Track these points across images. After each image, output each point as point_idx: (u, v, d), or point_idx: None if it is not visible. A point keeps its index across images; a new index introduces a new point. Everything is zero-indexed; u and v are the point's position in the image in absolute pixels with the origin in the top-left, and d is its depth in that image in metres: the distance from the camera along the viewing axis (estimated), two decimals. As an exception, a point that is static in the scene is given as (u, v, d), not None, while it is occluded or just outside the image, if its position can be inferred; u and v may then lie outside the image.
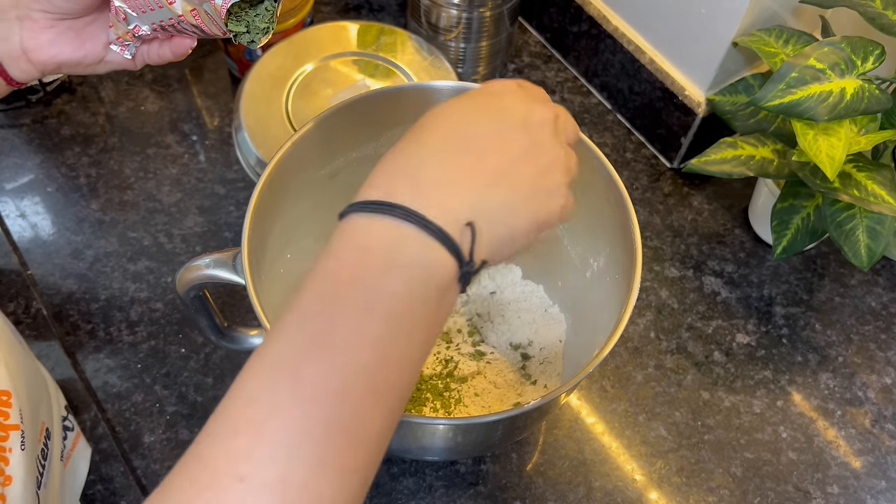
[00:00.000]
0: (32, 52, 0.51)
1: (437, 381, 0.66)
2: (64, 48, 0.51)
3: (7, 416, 0.51)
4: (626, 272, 0.55)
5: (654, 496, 0.65)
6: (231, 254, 0.54)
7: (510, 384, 0.67)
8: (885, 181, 0.65)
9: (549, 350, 0.68)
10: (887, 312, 0.76)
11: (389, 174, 0.39)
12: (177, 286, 0.56)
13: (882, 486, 0.67)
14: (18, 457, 0.51)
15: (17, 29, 0.50)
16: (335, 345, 0.34)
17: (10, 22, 0.50)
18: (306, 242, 0.64)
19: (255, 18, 0.48)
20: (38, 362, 0.62)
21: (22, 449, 0.51)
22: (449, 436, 0.55)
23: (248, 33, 0.48)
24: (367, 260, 0.36)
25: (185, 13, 0.46)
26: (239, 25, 0.48)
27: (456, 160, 0.39)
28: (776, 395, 0.71)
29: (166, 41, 0.51)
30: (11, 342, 0.56)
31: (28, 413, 0.53)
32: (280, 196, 0.58)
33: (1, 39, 0.50)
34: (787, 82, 0.62)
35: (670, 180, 0.83)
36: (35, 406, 0.56)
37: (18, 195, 0.78)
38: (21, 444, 0.51)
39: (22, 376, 0.55)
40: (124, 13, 0.48)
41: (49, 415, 0.59)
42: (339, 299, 0.35)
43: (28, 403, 0.54)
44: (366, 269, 0.36)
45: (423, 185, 0.38)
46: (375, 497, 0.64)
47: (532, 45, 0.92)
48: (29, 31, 0.50)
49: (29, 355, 0.59)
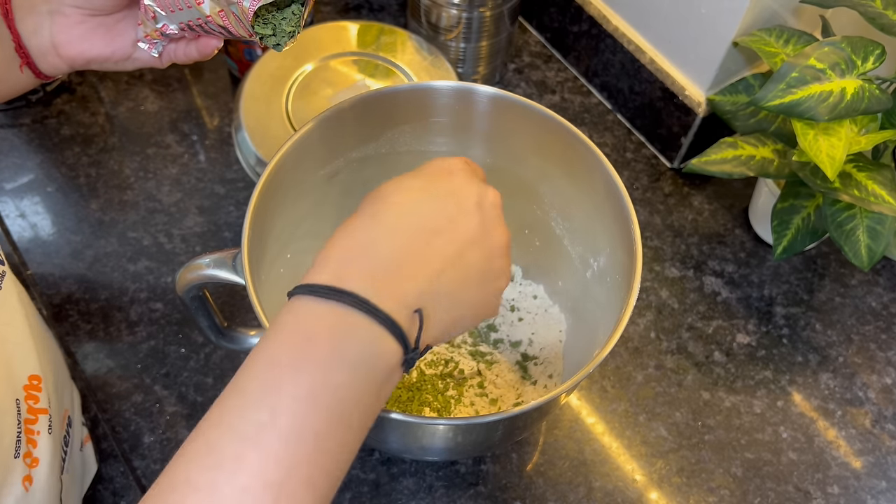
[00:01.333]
0: (62, 46, 0.51)
1: (438, 380, 0.66)
2: (94, 44, 0.51)
3: (38, 399, 0.52)
4: (627, 273, 0.54)
5: (654, 496, 0.65)
6: (231, 254, 0.54)
7: (510, 384, 0.67)
8: (885, 181, 0.65)
9: (549, 350, 0.68)
10: (888, 312, 0.76)
11: (341, 256, 0.39)
12: (177, 286, 0.56)
13: (882, 486, 0.67)
14: (46, 440, 0.52)
15: (49, 23, 0.50)
16: (279, 437, 0.34)
17: (41, 16, 0.50)
18: (306, 242, 0.63)
19: (282, 22, 0.48)
20: (61, 351, 0.62)
21: (49, 433, 0.52)
22: (449, 436, 0.55)
23: (275, 36, 0.48)
24: (313, 349, 0.36)
25: (213, 14, 0.46)
26: (265, 28, 0.48)
27: (409, 243, 0.39)
28: (776, 395, 0.71)
29: (193, 41, 0.51)
30: (41, 329, 0.57)
31: (55, 399, 0.54)
32: (280, 196, 0.58)
33: (32, 33, 0.50)
34: (787, 82, 0.62)
35: (670, 180, 0.83)
36: (60, 393, 0.57)
37: (18, 195, 0.78)
38: (48, 428, 0.52)
39: (50, 363, 0.56)
40: (153, 11, 0.48)
41: (71, 403, 0.60)
42: (281, 388, 0.35)
43: (55, 390, 0.55)
44: (310, 358, 0.36)
45: (375, 269, 0.38)
46: (375, 497, 0.64)
47: (532, 45, 0.92)
48: (60, 26, 0.50)
49: (54, 344, 0.60)
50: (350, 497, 0.64)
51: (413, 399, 0.64)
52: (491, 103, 0.61)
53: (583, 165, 0.59)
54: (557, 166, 0.62)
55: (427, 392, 0.64)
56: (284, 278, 0.61)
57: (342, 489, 0.64)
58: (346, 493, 0.64)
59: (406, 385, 0.65)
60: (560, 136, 0.59)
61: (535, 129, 0.60)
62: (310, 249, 0.64)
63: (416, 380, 0.65)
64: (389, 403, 0.64)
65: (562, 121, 0.59)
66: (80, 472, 0.61)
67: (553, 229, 0.67)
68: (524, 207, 0.67)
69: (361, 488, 0.64)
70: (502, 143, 0.63)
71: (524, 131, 0.61)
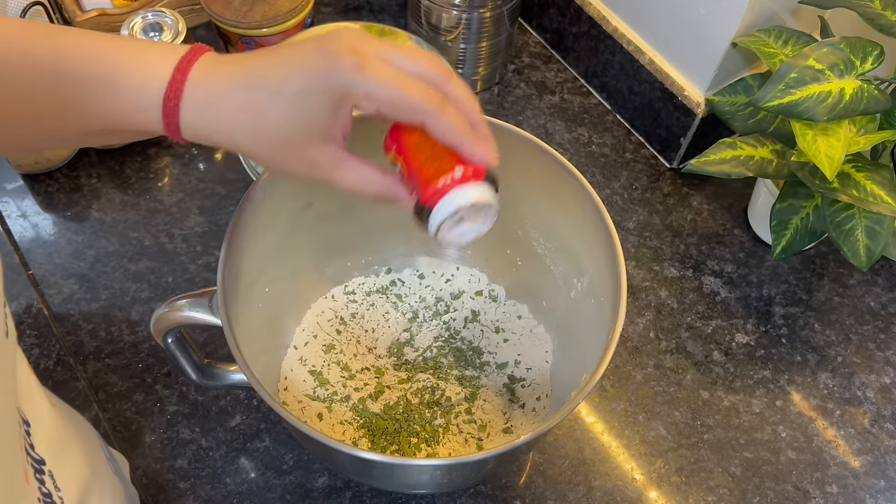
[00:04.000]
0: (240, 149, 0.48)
1: (425, 409, 0.64)
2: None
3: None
4: (612, 296, 0.54)
5: (653, 495, 0.66)
6: (207, 294, 0.53)
7: (498, 409, 0.65)
8: (883, 181, 0.65)
9: (536, 371, 0.67)
10: (886, 312, 0.76)
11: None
12: (153, 331, 0.55)
13: (881, 485, 0.67)
14: None
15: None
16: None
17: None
18: (284, 270, 0.63)
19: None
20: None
21: None
22: (436, 474, 0.55)
23: None
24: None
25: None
26: None
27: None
28: (775, 394, 0.71)
29: None
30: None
31: None
32: (251, 232, 0.57)
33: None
34: (786, 83, 0.62)
35: (670, 180, 0.83)
36: None
37: (19, 195, 0.78)
38: None
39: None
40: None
41: None
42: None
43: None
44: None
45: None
46: (375, 497, 0.64)
47: (532, 46, 0.92)
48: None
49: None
50: (350, 496, 0.64)
51: (401, 430, 0.63)
52: None
53: (565, 189, 0.58)
54: (539, 189, 0.61)
55: (415, 422, 0.63)
56: (262, 313, 0.61)
57: (342, 489, 0.64)
58: (346, 493, 0.64)
59: (392, 416, 0.63)
60: (541, 160, 0.59)
61: (516, 153, 0.60)
62: (286, 277, 0.64)
63: (403, 410, 0.64)
64: (377, 435, 0.63)
65: (543, 146, 0.58)
66: None
67: (535, 249, 0.66)
68: (505, 227, 0.66)
69: (362, 487, 0.64)
70: None
71: (505, 154, 0.60)
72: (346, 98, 0.42)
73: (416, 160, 0.46)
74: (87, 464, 0.49)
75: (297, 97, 0.42)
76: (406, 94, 0.42)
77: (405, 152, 0.46)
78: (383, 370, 0.67)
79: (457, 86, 0.45)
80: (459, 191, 0.45)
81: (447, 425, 0.64)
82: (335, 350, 0.67)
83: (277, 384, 0.65)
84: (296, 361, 0.66)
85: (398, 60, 0.43)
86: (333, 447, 0.48)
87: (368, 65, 0.41)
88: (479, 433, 0.64)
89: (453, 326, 0.69)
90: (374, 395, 0.65)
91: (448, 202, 0.45)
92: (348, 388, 0.65)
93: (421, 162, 0.46)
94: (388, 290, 0.71)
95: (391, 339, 0.69)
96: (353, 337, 0.68)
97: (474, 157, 0.45)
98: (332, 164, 0.45)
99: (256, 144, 0.44)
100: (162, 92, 0.42)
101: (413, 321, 0.70)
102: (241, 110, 0.42)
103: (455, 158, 0.45)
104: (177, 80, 0.42)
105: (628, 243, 0.79)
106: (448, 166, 0.45)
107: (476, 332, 0.69)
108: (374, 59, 0.42)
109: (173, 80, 0.42)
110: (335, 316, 0.69)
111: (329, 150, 0.44)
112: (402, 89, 0.42)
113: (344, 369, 0.66)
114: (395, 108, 0.43)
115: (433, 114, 0.43)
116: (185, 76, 0.42)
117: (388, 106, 0.43)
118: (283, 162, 0.45)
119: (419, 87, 0.43)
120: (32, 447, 0.42)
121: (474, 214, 0.46)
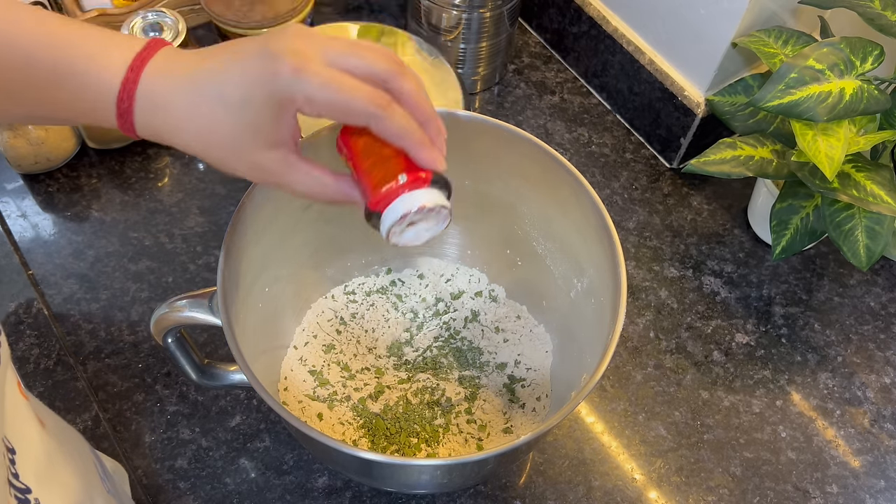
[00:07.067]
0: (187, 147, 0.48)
1: (425, 409, 0.64)
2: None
3: None
4: (612, 296, 0.54)
5: (653, 495, 0.66)
6: (207, 294, 0.53)
7: (498, 409, 0.65)
8: (883, 181, 0.65)
9: (537, 371, 0.67)
10: (886, 312, 0.76)
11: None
12: (153, 331, 0.55)
13: (881, 485, 0.67)
14: None
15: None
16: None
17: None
18: (284, 270, 0.63)
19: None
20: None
21: None
22: (436, 474, 0.55)
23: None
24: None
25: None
26: None
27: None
28: (775, 394, 0.71)
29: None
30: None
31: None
32: (252, 231, 0.56)
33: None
34: (786, 83, 0.62)
35: (670, 180, 0.83)
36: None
37: (20, 195, 0.78)
38: None
39: None
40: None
41: None
42: None
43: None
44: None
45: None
46: (375, 497, 0.64)
47: (532, 46, 0.92)
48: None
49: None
50: (350, 496, 0.64)
51: (401, 430, 0.62)
52: (471, 127, 0.60)
53: (565, 189, 0.58)
54: (538, 188, 0.62)
55: (415, 422, 0.63)
56: (262, 313, 0.61)
57: (342, 489, 0.64)
58: (346, 493, 0.64)
59: (392, 416, 0.63)
60: (541, 160, 0.59)
61: (516, 152, 0.60)
62: (286, 277, 0.64)
63: (403, 410, 0.64)
64: (377, 435, 0.63)
65: (543, 145, 0.59)
66: None
67: (535, 249, 0.66)
68: (505, 227, 0.67)
69: (362, 487, 0.64)
70: (482, 165, 0.62)
71: (504, 154, 0.61)
72: (288, 104, 0.41)
73: (363, 165, 0.45)
74: (78, 484, 0.48)
75: (238, 106, 0.41)
76: (347, 98, 0.41)
77: (353, 156, 0.46)
78: (383, 370, 0.67)
79: (407, 81, 0.44)
80: (406, 197, 0.44)
81: (447, 425, 0.64)
82: (335, 350, 0.67)
83: (277, 384, 0.65)
84: (296, 361, 0.66)
85: (343, 60, 0.42)
86: (333, 447, 0.48)
87: (308, 68, 0.41)
88: (479, 433, 0.64)
89: (453, 326, 0.69)
90: (374, 395, 0.65)
91: (393, 209, 0.45)
92: (348, 388, 0.65)
93: (367, 167, 0.45)
94: (388, 291, 0.71)
95: (391, 339, 0.69)
96: (353, 337, 0.68)
97: (420, 162, 0.44)
98: (282, 169, 0.44)
99: (206, 149, 0.43)
100: (116, 92, 0.42)
101: (413, 321, 0.70)
102: (190, 114, 0.42)
103: (402, 162, 0.44)
104: (130, 80, 0.42)
105: (628, 243, 0.79)
106: (393, 172, 0.44)
107: (476, 332, 0.69)
108: (315, 62, 0.41)
109: (126, 79, 0.42)
110: (335, 316, 0.69)
111: (277, 156, 0.44)
112: (344, 92, 0.41)
113: (344, 369, 0.66)
114: (337, 113, 0.42)
115: (377, 117, 0.42)
116: (138, 76, 0.42)
117: (330, 110, 0.42)
118: (234, 167, 0.44)
119: (362, 90, 0.42)
120: (17, 476, 0.41)
121: (424, 217, 0.46)
